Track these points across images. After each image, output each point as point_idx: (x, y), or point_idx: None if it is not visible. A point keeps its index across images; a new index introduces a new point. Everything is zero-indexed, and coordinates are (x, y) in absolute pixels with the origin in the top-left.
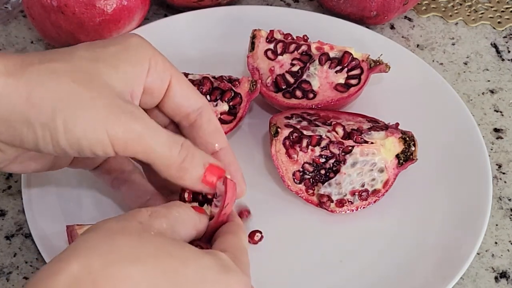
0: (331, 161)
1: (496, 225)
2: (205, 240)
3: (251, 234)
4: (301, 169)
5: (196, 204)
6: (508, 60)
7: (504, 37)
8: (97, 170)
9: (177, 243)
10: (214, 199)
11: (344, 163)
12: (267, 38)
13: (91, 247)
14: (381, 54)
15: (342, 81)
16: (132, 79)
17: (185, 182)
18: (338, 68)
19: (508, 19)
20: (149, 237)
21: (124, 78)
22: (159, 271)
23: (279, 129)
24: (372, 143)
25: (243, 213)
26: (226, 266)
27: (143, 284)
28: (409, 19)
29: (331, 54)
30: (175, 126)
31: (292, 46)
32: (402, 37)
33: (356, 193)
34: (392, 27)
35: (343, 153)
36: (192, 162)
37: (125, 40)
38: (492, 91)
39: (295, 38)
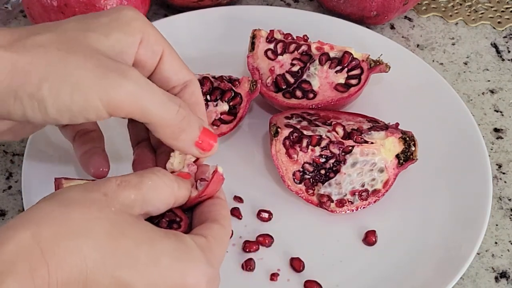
0: (331, 161)
1: (496, 225)
2: (186, 208)
3: (265, 236)
4: (301, 169)
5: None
6: (508, 60)
7: (504, 37)
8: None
9: (136, 223)
10: (197, 181)
11: (344, 163)
12: (267, 38)
13: (44, 217)
14: (381, 54)
15: (342, 81)
16: (124, 47)
17: (178, 143)
18: (338, 68)
19: (508, 19)
20: (108, 213)
21: (114, 46)
22: (109, 249)
23: (279, 129)
24: (372, 143)
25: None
26: (187, 253)
27: (90, 259)
28: (409, 19)
29: (331, 54)
30: None
31: (292, 46)
32: (402, 37)
33: (356, 193)
34: (392, 27)
35: (343, 153)
36: (189, 123)
37: (118, 12)
38: (492, 91)
39: (295, 38)
